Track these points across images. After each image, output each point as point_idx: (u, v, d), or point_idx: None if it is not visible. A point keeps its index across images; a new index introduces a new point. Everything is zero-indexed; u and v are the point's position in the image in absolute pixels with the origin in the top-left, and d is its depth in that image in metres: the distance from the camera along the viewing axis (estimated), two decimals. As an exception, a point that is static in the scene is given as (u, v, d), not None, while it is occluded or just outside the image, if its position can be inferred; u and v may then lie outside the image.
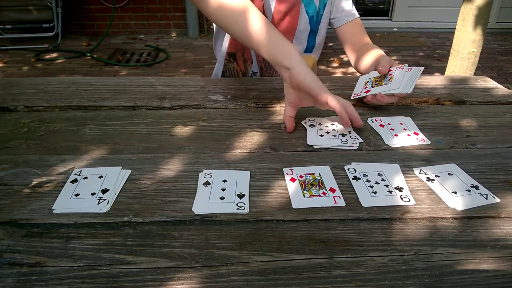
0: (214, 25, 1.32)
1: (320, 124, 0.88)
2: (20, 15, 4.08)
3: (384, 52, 1.15)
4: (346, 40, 1.25)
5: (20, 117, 0.92)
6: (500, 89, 1.10)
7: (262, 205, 0.65)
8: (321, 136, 0.83)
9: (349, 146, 0.81)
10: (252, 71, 1.30)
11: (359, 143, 0.82)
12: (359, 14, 1.25)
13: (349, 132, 0.85)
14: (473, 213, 0.64)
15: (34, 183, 0.69)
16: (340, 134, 0.84)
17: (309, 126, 0.87)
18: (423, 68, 0.94)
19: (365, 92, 0.95)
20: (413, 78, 0.91)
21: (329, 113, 0.92)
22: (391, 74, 0.95)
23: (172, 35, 4.81)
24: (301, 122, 0.89)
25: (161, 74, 3.69)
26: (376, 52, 1.13)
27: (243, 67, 1.30)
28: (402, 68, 0.94)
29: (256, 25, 0.86)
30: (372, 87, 0.95)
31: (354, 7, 1.25)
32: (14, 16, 4.09)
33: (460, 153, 0.80)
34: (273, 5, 1.17)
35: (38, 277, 0.52)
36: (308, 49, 1.27)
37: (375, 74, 0.99)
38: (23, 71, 3.68)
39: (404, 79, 0.92)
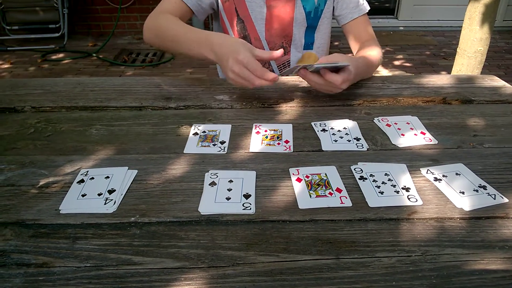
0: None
1: (332, 128, 0.87)
2: (27, 16, 4.10)
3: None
4: (350, 37, 1.25)
5: (27, 117, 0.92)
6: (507, 88, 1.09)
7: (268, 206, 0.64)
8: (335, 141, 0.83)
9: (365, 150, 0.80)
10: None
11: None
12: None
13: (363, 135, 0.84)
14: (481, 213, 0.63)
15: (41, 183, 0.70)
16: (354, 138, 0.83)
17: (321, 131, 0.86)
18: (348, 65, 0.92)
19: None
20: (331, 64, 0.91)
21: (339, 114, 0.92)
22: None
23: (178, 35, 4.81)
24: (311, 123, 0.89)
25: (167, 74, 3.70)
26: (367, 52, 1.12)
27: None
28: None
29: (178, 36, 1.05)
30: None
31: (362, 1, 1.23)
32: (20, 17, 4.11)
33: (468, 152, 0.79)
34: (264, 0, 1.18)
35: (45, 277, 0.52)
36: (307, 46, 1.27)
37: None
38: (30, 72, 3.70)
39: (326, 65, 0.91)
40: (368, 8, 1.23)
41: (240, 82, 0.90)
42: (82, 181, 0.70)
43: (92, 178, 0.71)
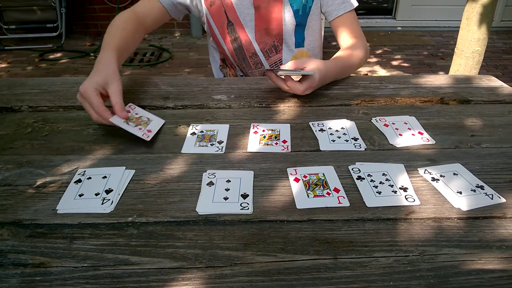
0: (208, 38, 1.35)
1: (330, 128, 0.87)
2: (24, 15, 4.09)
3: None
4: (337, 34, 1.24)
5: (24, 117, 0.92)
6: (505, 88, 1.09)
7: (266, 205, 0.64)
8: (333, 141, 0.83)
9: (363, 150, 0.80)
10: (239, 75, 1.32)
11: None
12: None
13: (361, 135, 0.84)
14: (479, 213, 0.63)
15: (38, 183, 0.69)
16: (352, 138, 0.83)
17: (318, 131, 0.86)
18: (312, 72, 0.95)
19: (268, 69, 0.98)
20: (295, 72, 0.95)
21: (336, 114, 0.92)
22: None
23: (176, 35, 4.82)
24: (309, 123, 0.89)
25: (165, 74, 3.69)
26: (346, 53, 1.12)
27: (233, 71, 1.32)
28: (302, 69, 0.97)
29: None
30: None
31: None
32: (18, 16, 4.10)
33: (465, 152, 0.79)
34: (251, 1, 1.18)
35: (42, 277, 0.52)
36: (299, 44, 1.26)
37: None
38: (27, 71, 3.69)
39: (291, 72, 0.95)
40: (356, 4, 1.21)
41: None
42: (79, 181, 0.70)
43: (89, 178, 0.70)
